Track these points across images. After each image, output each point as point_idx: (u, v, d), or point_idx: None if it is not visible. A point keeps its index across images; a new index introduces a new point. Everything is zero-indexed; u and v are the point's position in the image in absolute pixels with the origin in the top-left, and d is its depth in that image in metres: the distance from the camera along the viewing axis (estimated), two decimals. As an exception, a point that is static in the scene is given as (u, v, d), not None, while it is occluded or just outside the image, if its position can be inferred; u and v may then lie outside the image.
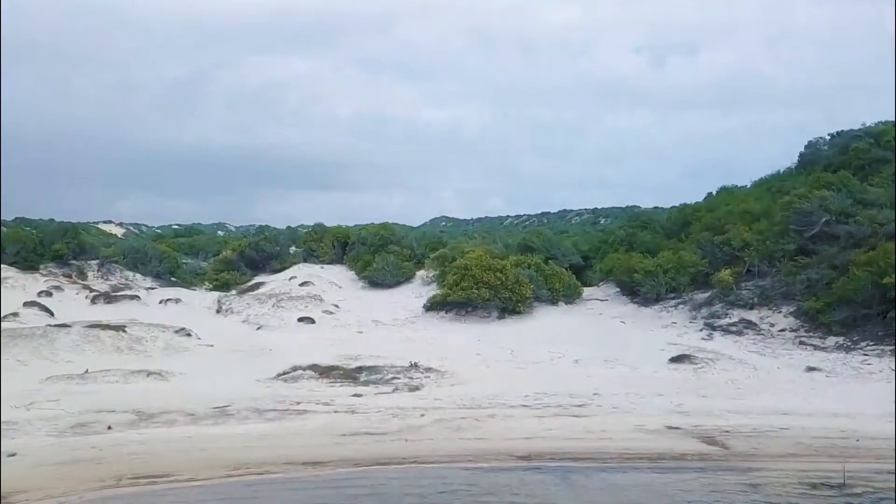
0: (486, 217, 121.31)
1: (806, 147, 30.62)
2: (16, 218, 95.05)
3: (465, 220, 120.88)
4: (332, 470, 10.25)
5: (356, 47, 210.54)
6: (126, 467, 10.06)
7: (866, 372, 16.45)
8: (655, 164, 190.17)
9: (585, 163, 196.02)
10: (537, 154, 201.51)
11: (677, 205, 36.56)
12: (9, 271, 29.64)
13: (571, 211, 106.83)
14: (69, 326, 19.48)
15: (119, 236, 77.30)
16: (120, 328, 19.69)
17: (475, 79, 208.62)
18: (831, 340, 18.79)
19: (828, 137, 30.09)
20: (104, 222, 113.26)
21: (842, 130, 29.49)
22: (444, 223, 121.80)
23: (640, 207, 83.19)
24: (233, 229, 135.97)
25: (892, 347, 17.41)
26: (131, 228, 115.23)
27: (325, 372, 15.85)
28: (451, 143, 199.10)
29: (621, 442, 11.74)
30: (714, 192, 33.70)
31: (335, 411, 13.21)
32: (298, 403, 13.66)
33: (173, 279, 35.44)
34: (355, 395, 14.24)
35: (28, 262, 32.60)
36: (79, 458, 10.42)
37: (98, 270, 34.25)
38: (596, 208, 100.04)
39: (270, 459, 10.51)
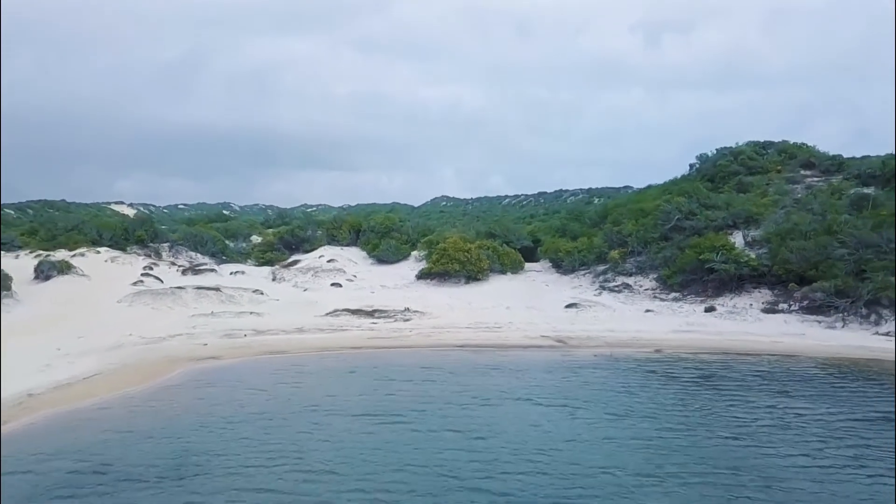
0: (486, 197, 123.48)
1: (697, 158, 41.24)
2: (39, 200, 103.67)
3: (465, 199, 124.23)
4: (364, 350, 21.12)
5: (353, 28, 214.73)
6: (262, 348, 20.89)
7: (678, 312, 27.21)
8: (652, 143, 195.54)
9: (583, 142, 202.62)
10: (535, 134, 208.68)
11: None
12: (113, 252, 40.36)
13: (567, 191, 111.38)
14: (183, 288, 30.23)
15: (131, 216, 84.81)
16: (216, 289, 30.41)
17: (472, 59, 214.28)
18: (672, 295, 29.52)
19: (714, 151, 40.61)
20: (115, 203, 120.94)
21: (722, 146, 40.11)
22: (444, 203, 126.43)
23: (632, 188, 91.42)
24: (237, 208, 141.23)
25: (702, 298, 28.22)
26: (140, 209, 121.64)
27: (354, 312, 26.67)
28: (449, 123, 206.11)
29: (513, 342, 22.57)
30: (639, 190, 44.26)
31: (362, 329, 24.10)
32: (341, 326, 24.55)
33: (224, 258, 46.15)
34: (372, 323, 25.12)
35: (119, 245, 43.29)
36: (237, 346, 21.29)
37: (169, 251, 44.95)
38: (591, 188, 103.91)
39: (334, 346, 21.36)
